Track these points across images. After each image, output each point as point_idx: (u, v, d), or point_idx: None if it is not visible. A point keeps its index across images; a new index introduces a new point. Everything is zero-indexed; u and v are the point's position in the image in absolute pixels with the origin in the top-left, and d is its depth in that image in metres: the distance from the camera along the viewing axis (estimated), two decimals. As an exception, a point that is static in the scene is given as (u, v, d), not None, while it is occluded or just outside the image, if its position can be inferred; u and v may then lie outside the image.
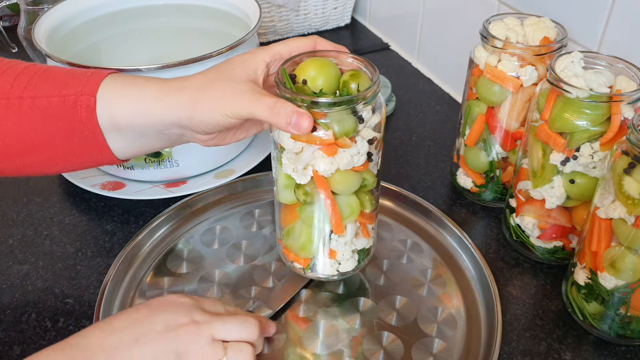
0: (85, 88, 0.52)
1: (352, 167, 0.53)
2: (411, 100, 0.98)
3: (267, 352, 0.57)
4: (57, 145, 0.53)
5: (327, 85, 0.52)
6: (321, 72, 0.52)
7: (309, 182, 0.53)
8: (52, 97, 0.51)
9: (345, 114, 0.50)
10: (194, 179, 0.77)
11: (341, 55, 0.54)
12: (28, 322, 0.61)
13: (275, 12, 1.13)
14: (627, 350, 0.59)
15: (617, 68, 0.58)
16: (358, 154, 0.52)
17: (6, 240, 0.70)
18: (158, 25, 0.89)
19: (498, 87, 0.66)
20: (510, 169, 0.73)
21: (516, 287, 0.65)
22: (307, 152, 0.52)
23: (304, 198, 0.54)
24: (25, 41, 1.00)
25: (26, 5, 0.98)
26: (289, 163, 0.53)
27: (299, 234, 0.58)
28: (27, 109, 0.52)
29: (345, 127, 0.50)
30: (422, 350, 0.58)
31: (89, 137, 0.52)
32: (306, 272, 0.61)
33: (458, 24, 0.94)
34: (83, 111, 0.51)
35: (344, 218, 0.56)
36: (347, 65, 0.54)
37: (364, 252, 0.61)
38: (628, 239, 0.53)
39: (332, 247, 0.58)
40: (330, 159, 0.51)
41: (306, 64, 0.53)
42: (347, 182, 0.53)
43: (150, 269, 0.66)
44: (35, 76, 0.53)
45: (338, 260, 0.60)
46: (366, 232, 0.60)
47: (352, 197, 0.55)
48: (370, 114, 0.52)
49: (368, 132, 0.53)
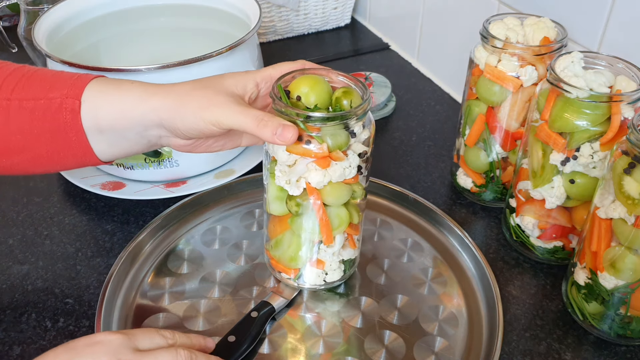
0: (71, 91, 0.52)
1: (344, 179, 0.54)
2: (411, 100, 0.98)
3: (269, 352, 0.57)
4: (42, 146, 0.54)
5: (320, 101, 0.54)
6: (314, 89, 0.54)
7: (301, 193, 0.55)
8: (38, 99, 0.52)
9: (338, 129, 0.52)
10: (194, 179, 0.77)
11: (331, 73, 0.56)
12: (28, 322, 0.61)
13: (275, 12, 1.13)
14: (627, 350, 0.59)
15: (617, 68, 0.59)
16: (350, 166, 0.54)
17: (6, 240, 0.70)
18: (158, 25, 0.89)
19: (498, 87, 0.66)
20: (510, 169, 0.73)
21: (516, 287, 0.65)
22: (301, 164, 0.53)
23: (296, 209, 0.56)
24: (25, 41, 1.00)
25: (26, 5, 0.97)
26: (282, 175, 0.55)
27: (288, 245, 0.60)
28: (14, 110, 0.52)
29: (338, 141, 0.52)
30: (423, 349, 0.58)
31: (73, 139, 0.53)
32: (294, 281, 0.62)
33: (458, 24, 0.94)
34: (68, 114, 0.52)
35: (333, 229, 0.57)
36: (338, 83, 0.56)
37: (350, 263, 0.63)
38: (628, 239, 0.53)
39: (321, 258, 0.60)
40: (324, 171, 0.53)
41: (299, 81, 0.54)
42: (338, 193, 0.55)
43: (152, 269, 0.66)
44: (23, 78, 0.54)
45: (325, 271, 0.61)
46: (353, 243, 0.62)
47: (342, 208, 0.57)
48: (362, 129, 0.54)
49: (359, 146, 0.55)
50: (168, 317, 0.60)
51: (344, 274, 0.62)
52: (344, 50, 1.14)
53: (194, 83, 0.54)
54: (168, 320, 0.60)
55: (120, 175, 0.77)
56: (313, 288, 0.63)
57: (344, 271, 0.62)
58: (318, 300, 0.63)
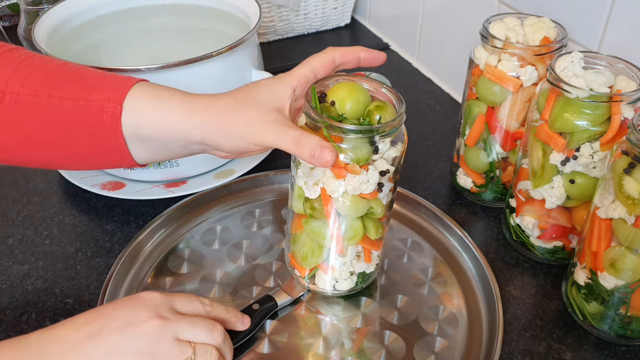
0: (113, 95, 0.52)
1: (360, 193, 0.53)
2: (411, 100, 0.98)
3: (269, 352, 0.57)
4: (79, 145, 0.53)
5: (355, 109, 0.53)
6: (350, 96, 0.53)
7: (317, 197, 0.54)
8: (79, 99, 0.52)
9: (361, 142, 0.51)
10: (194, 179, 0.77)
11: (375, 83, 0.55)
12: (28, 322, 0.61)
13: (275, 12, 1.13)
14: (627, 350, 0.59)
15: (617, 68, 0.59)
16: (367, 182, 0.53)
17: (6, 240, 0.70)
18: (158, 25, 0.89)
19: (498, 87, 0.66)
20: (510, 169, 0.73)
21: (516, 287, 0.65)
22: (318, 169, 0.53)
23: (311, 212, 0.56)
24: (25, 41, 1.00)
25: (26, 5, 0.98)
26: (302, 176, 0.55)
27: (303, 243, 0.60)
28: (54, 108, 0.52)
29: (358, 155, 0.51)
30: (424, 349, 0.58)
31: (112, 143, 0.53)
32: (304, 280, 0.62)
33: (458, 24, 0.94)
34: (109, 118, 0.52)
35: (345, 240, 0.57)
36: (380, 95, 0.55)
37: (364, 276, 0.62)
38: (628, 239, 0.53)
39: (332, 264, 0.60)
40: (339, 181, 0.52)
41: (338, 86, 0.54)
42: (353, 206, 0.54)
43: (152, 269, 0.66)
44: (65, 77, 0.53)
45: (335, 278, 0.61)
46: (368, 257, 0.61)
47: (357, 221, 0.56)
48: (388, 146, 0.53)
49: (382, 163, 0.53)
50: (168, 317, 0.61)
51: (355, 286, 0.62)
52: (344, 50, 1.14)
53: (233, 97, 0.53)
54: (168, 320, 0.60)
55: (120, 175, 0.77)
56: (321, 292, 0.62)
57: (356, 283, 0.62)
58: (318, 300, 0.63)
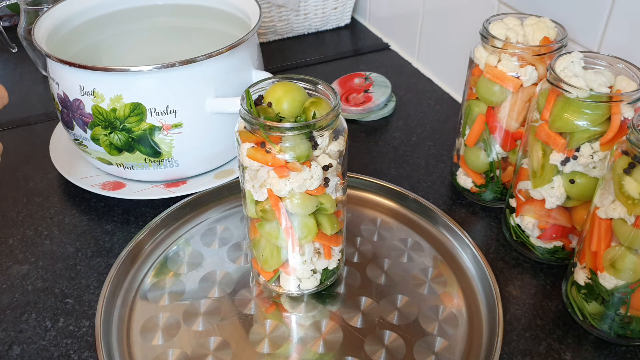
0: None
1: (306, 190, 0.54)
2: (411, 100, 0.98)
3: (269, 352, 0.57)
4: None
5: (292, 108, 0.54)
6: (286, 96, 0.54)
7: (266, 199, 0.55)
8: None
9: (299, 139, 0.51)
10: (194, 179, 0.77)
11: (311, 81, 0.56)
12: (28, 322, 0.61)
13: (275, 12, 1.13)
14: (627, 350, 0.59)
15: (617, 68, 0.58)
16: (311, 178, 0.53)
17: (6, 240, 0.70)
18: (158, 25, 0.89)
19: (498, 87, 0.66)
20: (510, 169, 0.73)
21: (516, 287, 0.65)
22: (262, 171, 0.53)
23: (262, 214, 0.56)
24: (25, 41, 1.00)
25: (26, 5, 0.98)
26: (249, 179, 0.55)
27: (263, 248, 0.60)
28: None
29: (297, 152, 0.52)
30: (424, 349, 0.58)
31: None
32: (269, 284, 0.62)
33: (458, 24, 0.94)
34: None
35: (300, 238, 0.57)
36: (318, 92, 0.56)
37: (327, 272, 0.62)
38: (628, 239, 0.53)
39: (292, 265, 0.60)
40: (284, 180, 0.53)
41: (275, 87, 0.54)
42: (302, 204, 0.54)
43: (152, 269, 0.66)
44: None
45: (298, 278, 0.61)
46: (328, 254, 0.61)
47: (309, 218, 0.56)
48: (327, 140, 0.53)
49: (325, 158, 0.54)
50: (168, 317, 0.61)
51: (319, 284, 0.62)
52: (344, 50, 1.14)
53: None
54: (168, 321, 0.60)
55: (120, 175, 0.77)
56: (287, 293, 0.62)
57: (321, 281, 0.62)
58: (318, 300, 0.63)
